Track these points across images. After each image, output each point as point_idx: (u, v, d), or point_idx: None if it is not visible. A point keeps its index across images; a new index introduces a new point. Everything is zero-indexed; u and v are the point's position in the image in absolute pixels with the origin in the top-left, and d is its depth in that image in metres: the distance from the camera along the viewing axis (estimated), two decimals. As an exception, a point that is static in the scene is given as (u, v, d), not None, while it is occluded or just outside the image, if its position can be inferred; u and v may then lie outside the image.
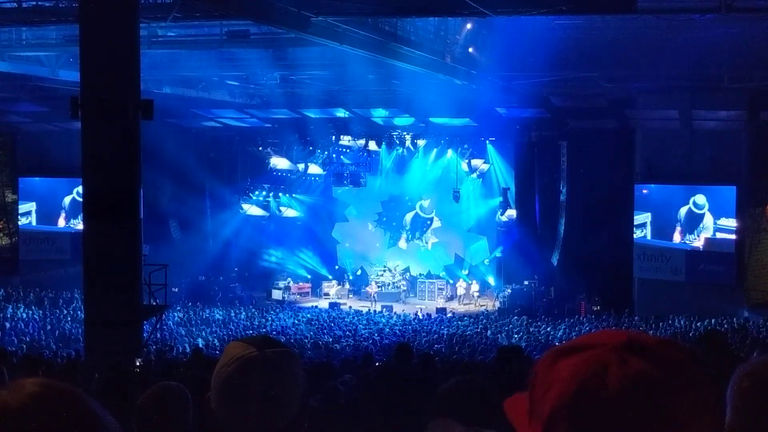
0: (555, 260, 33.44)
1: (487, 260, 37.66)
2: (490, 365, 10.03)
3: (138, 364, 11.72)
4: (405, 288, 37.42)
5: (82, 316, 20.15)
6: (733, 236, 29.87)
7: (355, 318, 30.92)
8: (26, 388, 1.33)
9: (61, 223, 36.40)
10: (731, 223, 29.84)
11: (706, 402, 1.35)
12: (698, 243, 30.57)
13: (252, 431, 2.21)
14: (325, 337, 25.33)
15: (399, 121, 35.75)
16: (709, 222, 30.26)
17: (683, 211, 30.75)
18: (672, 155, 30.80)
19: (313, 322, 29.27)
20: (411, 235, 39.09)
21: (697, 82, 26.92)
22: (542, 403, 1.36)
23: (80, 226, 34.61)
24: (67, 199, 36.13)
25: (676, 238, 30.99)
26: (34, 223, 36.82)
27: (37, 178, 36.64)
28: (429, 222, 38.92)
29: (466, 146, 35.62)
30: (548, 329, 27.27)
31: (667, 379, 1.31)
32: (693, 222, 30.60)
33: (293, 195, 39.37)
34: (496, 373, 8.57)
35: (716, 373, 3.03)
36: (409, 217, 39.14)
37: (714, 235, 30.19)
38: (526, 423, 1.41)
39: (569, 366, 1.34)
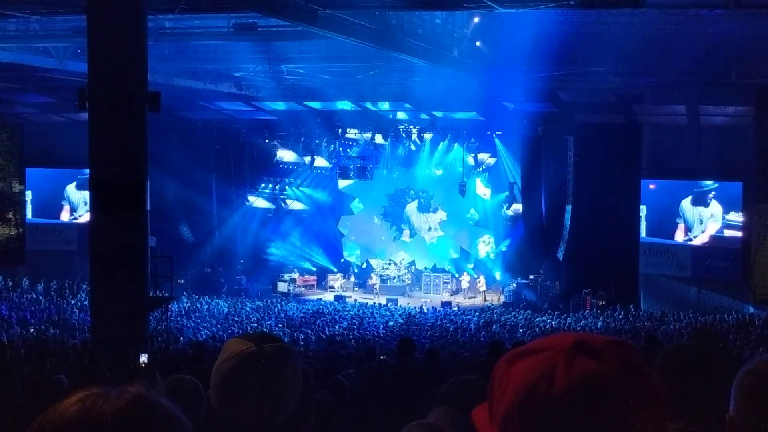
0: (561, 255, 33.43)
1: (493, 254, 37.68)
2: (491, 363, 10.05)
3: (144, 360, 11.73)
4: (410, 281, 37.46)
5: (89, 306, 20.22)
6: (739, 232, 29.82)
7: (360, 311, 30.96)
8: (123, 398, 1.34)
9: (65, 216, 36.41)
10: (738, 218, 29.79)
11: (654, 399, 1.38)
12: (701, 240, 30.51)
13: (252, 426, 2.23)
14: (330, 329, 25.36)
15: (406, 114, 35.74)
16: (718, 211, 30.15)
17: (685, 203, 30.71)
18: (679, 151, 30.74)
19: (318, 315, 29.31)
20: (416, 223, 39.16)
21: (704, 78, 26.85)
22: (498, 405, 1.40)
23: (82, 219, 35.04)
24: (70, 188, 36.16)
25: (679, 236, 30.92)
26: (29, 215, 36.75)
27: (35, 169, 36.63)
28: (434, 206, 38.94)
29: (472, 140, 35.61)
30: (553, 323, 27.28)
31: (612, 378, 1.34)
32: (699, 201, 30.52)
33: (299, 188, 39.41)
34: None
35: (710, 367, 3.08)
36: (410, 208, 39.21)
37: (721, 231, 30.13)
38: (487, 427, 1.44)
39: (521, 368, 1.39)
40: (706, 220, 30.44)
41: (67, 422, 1.30)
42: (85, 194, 35.05)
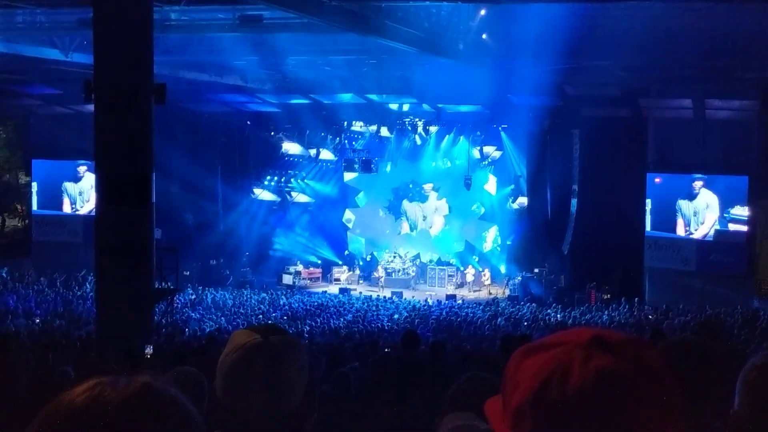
0: (566, 248, 33.40)
1: (498, 248, 37.67)
2: (498, 356, 10.02)
3: (148, 352, 11.77)
4: (414, 274, 37.44)
5: (94, 298, 20.28)
6: (744, 227, 29.79)
7: (365, 304, 30.97)
8: (130, 387, 1.36)
9: (67, 208, 36.50)
10: (743, 212, 29.75)
11: (668, 399, 1.37)
12: (701, 232, 30.55)
13: (257, 417, 2.24)
14: (335, 322, 25.39)
15: (411, 107, 35.70)
16: (713, 201, 30.19)
17: (680, 200, 30.84)
18: (684, 145, 30.68)
19: (323, 307, 29.34)
20: (411, 214, 39.30)
21: (710, 72, 26.77)
22: (510, 399, 1.39)
23: (83, 211, 35.14)
24: (67, 183, 36.35)
25: (680, 232, 30.96)
26: (35, 207, 36.83)
27: (41, 161, 36.65)
28: (424, 194, 39.06)
29: (478, 133, 35.60)
30: (558, 317, 27.28)
31: (628, 376, 1.33)
32: (687, 194, 30.65)
33: (304, 180, 39.41)
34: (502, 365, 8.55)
35: (710, 362, 3.08)
36: (406, 203, 39.34)
37: (725, 224, 30.12)
38: (500, 420, 1.44)
39: (536, 363, 1.38)
40: (702, 211, 30.46)
41: (76, 410, 1.32)
42: (81, 186, 35.40)
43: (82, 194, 35.98)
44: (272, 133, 38.01)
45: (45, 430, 1.32)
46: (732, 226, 30.03)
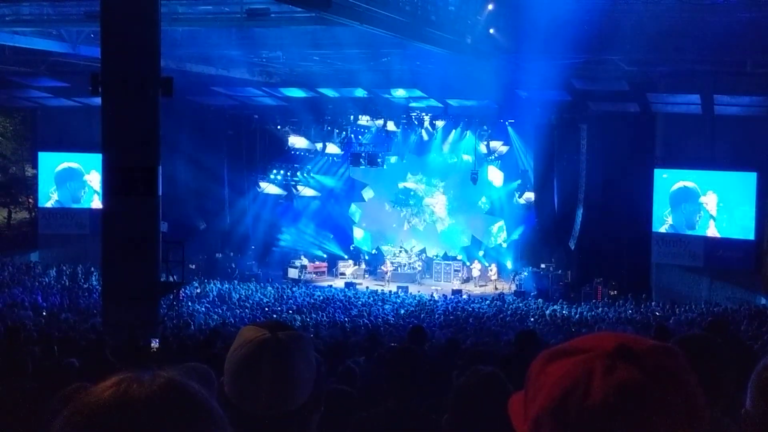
0: (573, 244, 33.34)
1: (505, 243, 37.62)
2: (508, 352, 9.93)
3: (154, 345, 11.76)
4: (420, 269, 37.43)
5: (100, 290, 20.30)
6: (752, 223, 29.73)
7: (371, 298, 30.98)
8: (155, 383, 1.36)
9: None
10: (751, 208, 29.70)
11: (693, 411, 1.32)
12: (706, 228, 30.59)
13: (265, 413, 2.23)
14: (340, 316, 25.38)
15: (418, 102, 35.64)
16: (712, 196, 30.23)
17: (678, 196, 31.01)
18: (693, 140, 30.60)
19: (328, 301, 29.35)
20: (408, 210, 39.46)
21: (719, 67, 26.68)
22: (531, 405, 1.35)
23: (93, 205, 35.19)
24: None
25: (684, 226, 31.00)
26: (41, 200, 36.88)
27: (48, 153, 36.69)
28: (412, 195, 39.15)
29: (485, 128, 35.51)
30: (564, 313, 27.24)
31: (652, 389, 1.28)
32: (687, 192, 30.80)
33: (311, 174, 39.40)
34: (513, 362, 8.48)
35: (717, 358, 3.05)
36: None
37: (734, 221, 30.05)
38: (522, 422, 1.40)
39: (558, 370, 1.33)
40: (700, 206, 30.54)
41: (103, 406, 1.32)
42: (75, 181, 35.65)
43: (81, 189, 36.00)
44: (279, 127, 38.04)
45: (72, 427, 1.32)
46: (739, 222, 29.97)
